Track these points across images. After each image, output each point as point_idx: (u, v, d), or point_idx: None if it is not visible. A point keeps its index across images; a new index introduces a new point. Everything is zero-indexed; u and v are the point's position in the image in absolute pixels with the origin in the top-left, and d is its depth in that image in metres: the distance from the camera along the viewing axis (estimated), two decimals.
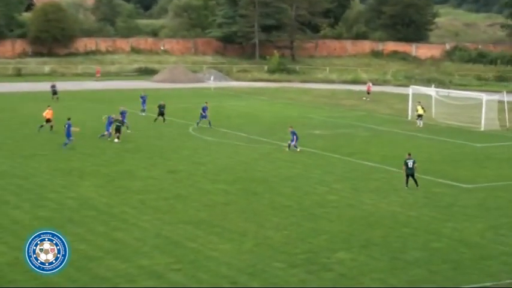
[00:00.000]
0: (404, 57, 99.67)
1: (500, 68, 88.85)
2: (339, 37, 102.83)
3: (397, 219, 24.01)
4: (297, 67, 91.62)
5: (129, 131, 40.27)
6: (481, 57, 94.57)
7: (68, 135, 35.38)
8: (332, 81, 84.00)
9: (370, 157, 35.57)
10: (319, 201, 26.26)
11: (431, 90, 54.26)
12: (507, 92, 54.24)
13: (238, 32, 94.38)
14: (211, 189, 27.92)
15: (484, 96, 48.16)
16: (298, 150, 36.36)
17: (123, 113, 40.15)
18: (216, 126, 44.71)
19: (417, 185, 28.61)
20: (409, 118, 51.09)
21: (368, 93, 66.30)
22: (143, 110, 49.06)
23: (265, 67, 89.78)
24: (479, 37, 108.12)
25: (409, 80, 79.78)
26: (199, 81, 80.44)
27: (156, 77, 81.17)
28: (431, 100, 52.18)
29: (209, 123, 44.03)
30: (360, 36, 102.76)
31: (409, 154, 29.23)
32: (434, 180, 30.28)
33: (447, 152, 37.85)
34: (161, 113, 45.85)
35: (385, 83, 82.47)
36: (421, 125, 46.83)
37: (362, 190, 28.25)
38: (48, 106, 42.17)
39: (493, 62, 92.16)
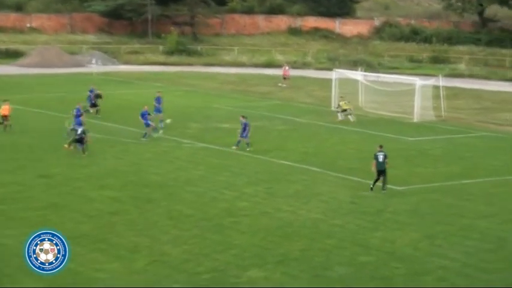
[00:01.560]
0: (326, 35, 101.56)
1: (435, 47, 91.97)
2: (249, 11, 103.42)
3: (319, 229, 24.40)
4: (200, 47, 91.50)
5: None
6: (414, 35, 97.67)
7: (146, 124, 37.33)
8: (242, 65, 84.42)
9: (288, 155, 35.98)
10: (228, 209, 26.36)
11: (358, 74, 55.42)
12: (443, 76, 56.22)
13: (126, 5, 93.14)
14: (95, 197, 27.54)
15: (418, 81, 49.67)
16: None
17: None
18: (100, 120, 44.02)
19: (384, 188, 29.07)
20: (333, 108, 52.02)
21: (284, 78, 67.13)
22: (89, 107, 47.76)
23: (161, 48, 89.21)
24: (413, 11, 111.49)
25: (332, 63, 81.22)
26: (78, 65, 78.90)
27: (22, 60, 78.92)
28: (358, 86, 53.35)
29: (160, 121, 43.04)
30: (275, 11, 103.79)
31: (381, 146, 29.80)
32: (361, 181, 30.91)
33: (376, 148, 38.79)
34: (94, 104, 46.00)
35: (304, 66, 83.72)
36: (341, 118, 47.18)
37: (278, 195, 28.54)
38: (5, 101, 40.40)
39: (427, 40, 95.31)
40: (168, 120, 41.01)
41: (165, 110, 43.56)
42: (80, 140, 34.58)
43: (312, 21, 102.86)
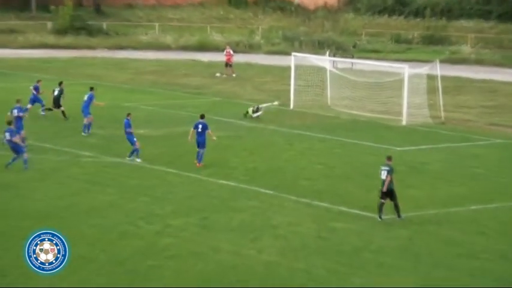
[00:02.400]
0: (281, 6, 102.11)
1: (430, 22, 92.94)
2: None
3: (275, 275, 24.29)
4: (105, 24, 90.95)
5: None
6: (401, 6, 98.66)
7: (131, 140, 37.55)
8: (165, 47, 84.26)
9: (230, 173, 35.98)
10: (146, 249, 26.14)
11: (324, 60, 55.61)
12: (442, 62, 56.50)
13: None
14: None
15: (407, 70, 49.97)
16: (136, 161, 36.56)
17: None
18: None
19: (399, 214, 29.48)
20: (292, 106, 52.11)
21: (229, 65, 66.84)
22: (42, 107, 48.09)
23: (49, 25, 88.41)
24: None
25: (290, 44, 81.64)
26: None
27: None
28: (326, 76, 53.54)
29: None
30: None
31: (389, 158, 30.12)
32: (332, 208, 31.05)
33: (352, 162, 38.95)
34: (57, 102, 46.95)
35: (251, 49, 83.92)
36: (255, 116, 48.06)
37: (217, 229, 28.42)
38: None
39: (419, 13, 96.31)
40: (276, 102, 48.13)
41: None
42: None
43: None
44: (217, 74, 66.59)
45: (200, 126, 36.60)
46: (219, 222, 29.04)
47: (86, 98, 43.73)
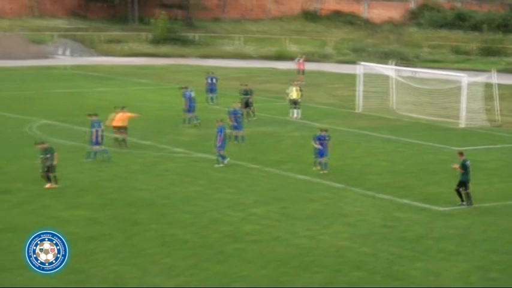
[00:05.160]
0: (351, 20, 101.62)
1: (487, 36, 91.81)
2: None
3: (345, 258, 24.43)
4: (196, 35, 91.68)
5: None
6: (460, 21, 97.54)
7: None
8: (247, 57, 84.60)
9: (305, 168, 36.01)
10: (232, 234, 26.40)
11: (389, 69, 55.44)
12: (497, 72, 55.98)
13: None
14: (68, 218, 27.61)
15: (465, 78, 49.66)
16: (224, 163, 35.83)
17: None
18: (72, 123, 44.23)
19: (470, 202, 30.16)
20: (360, 109, 52.09)
21: (302, 72, 66.98)
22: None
23: (147, 35, 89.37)
24: None
25: (358, 55, 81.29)
26: (45, 56, 79.29)
27: None
28: (391, 83, 53.36)
29: None
30: None
31: (461, 153, 30.65)
32: (396, 200, 31.06)
33: (414, 160, 38.85)
34: (247, 103, 47.60)
35: (324, 58, 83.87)
36: (298, 116, 48.04)
37: (294, 216, 28.60)
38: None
39: (477, 27, 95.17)
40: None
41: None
42: None
43: (332, 4, 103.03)
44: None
45: (221, 130, 35.97)
46: (297, 211, 29.27)
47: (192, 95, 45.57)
